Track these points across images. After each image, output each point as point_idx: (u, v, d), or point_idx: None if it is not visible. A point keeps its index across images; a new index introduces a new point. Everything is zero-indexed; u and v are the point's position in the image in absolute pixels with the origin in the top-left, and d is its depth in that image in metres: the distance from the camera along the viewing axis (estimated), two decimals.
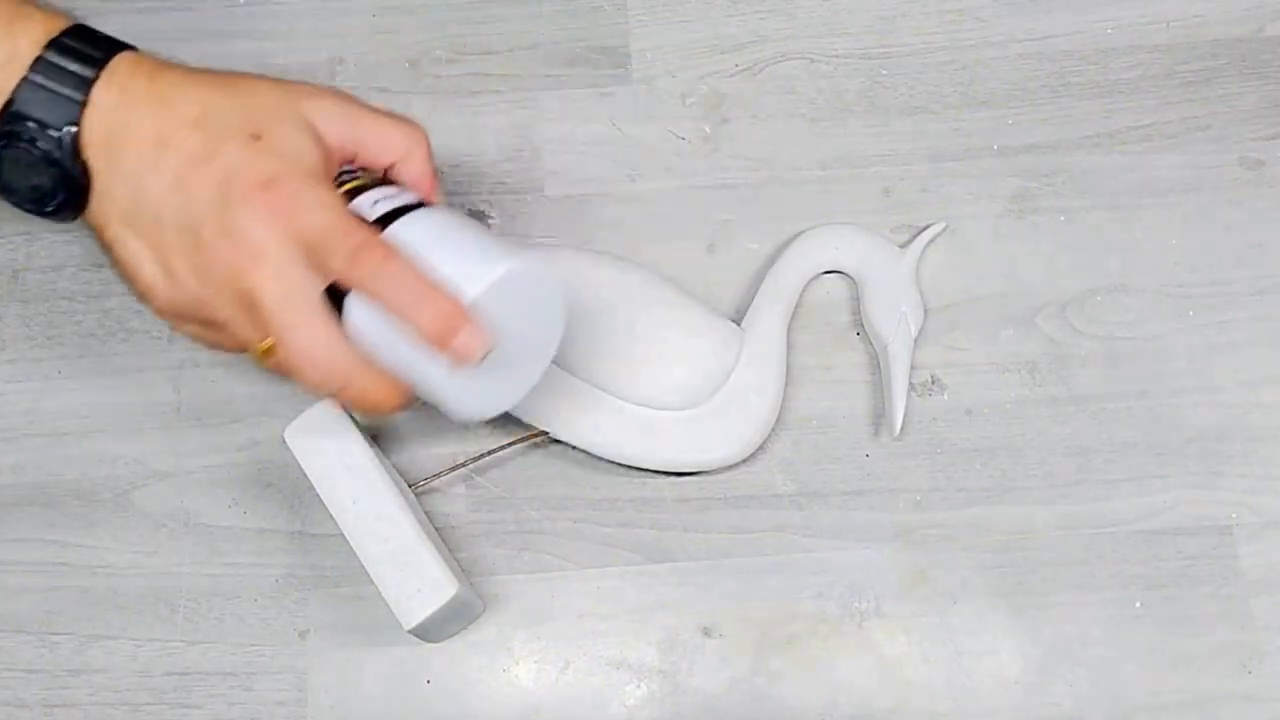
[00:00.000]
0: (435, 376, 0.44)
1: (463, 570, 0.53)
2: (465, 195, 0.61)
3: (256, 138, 0.44)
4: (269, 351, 0.45)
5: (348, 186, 0.46)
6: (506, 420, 0.56)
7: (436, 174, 0.49)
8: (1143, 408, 0.57)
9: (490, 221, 0.60)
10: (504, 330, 0.44)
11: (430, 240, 0.44)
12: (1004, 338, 0.58)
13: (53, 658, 0.53)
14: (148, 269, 0.45)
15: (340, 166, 0.47)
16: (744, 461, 0.56)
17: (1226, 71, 0.63)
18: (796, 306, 0.58)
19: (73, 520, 0.55)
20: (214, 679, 0.53)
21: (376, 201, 0.46)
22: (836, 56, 0.64)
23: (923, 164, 0.61)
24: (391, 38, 0.64)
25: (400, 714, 0.53)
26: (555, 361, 0.55)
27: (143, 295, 0.46)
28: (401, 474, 0.55)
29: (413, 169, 0.48)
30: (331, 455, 0.49)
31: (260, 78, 0.46)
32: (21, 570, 0.55)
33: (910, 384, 0.56)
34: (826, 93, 0.63)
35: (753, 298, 0.57)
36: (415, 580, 0.48)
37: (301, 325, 0.43)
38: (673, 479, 0.56)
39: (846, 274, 0.59)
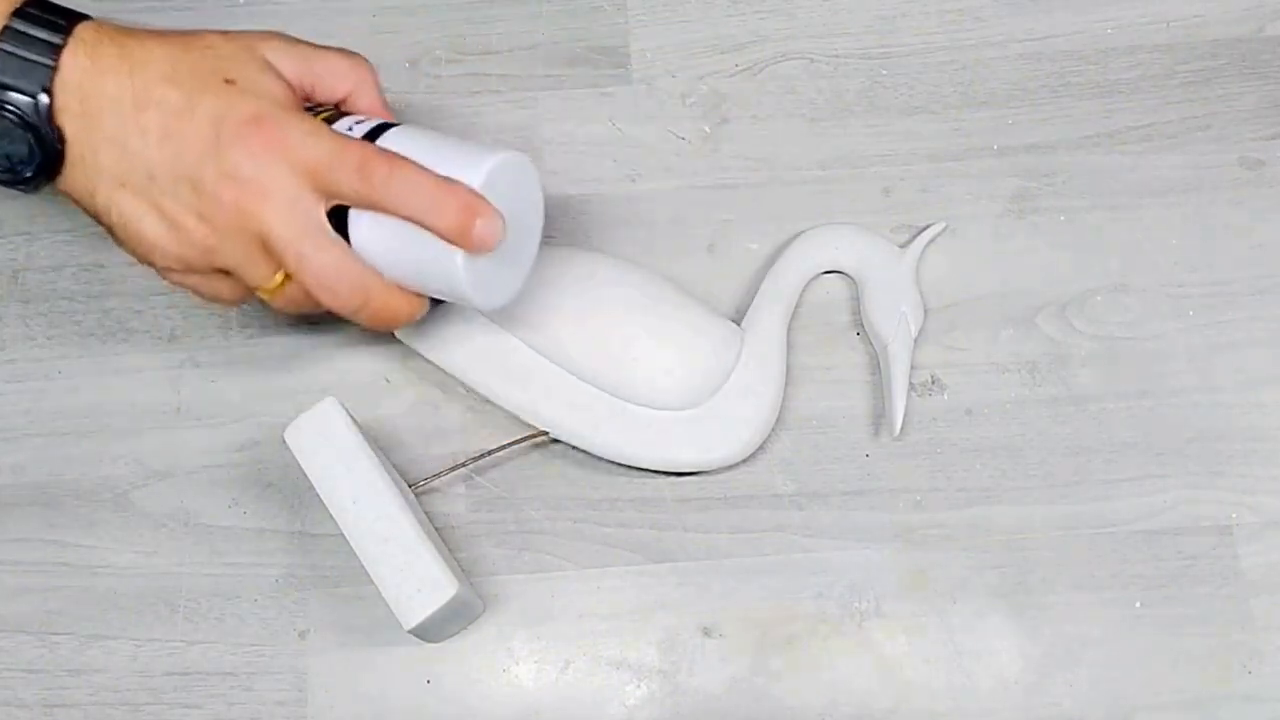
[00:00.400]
0: (452, 271, 0.46)
1: (463, 570, 0.53)
2: None
3: (230, 83, 0.46)
4: (279, 288, 0.47)
5: (320, 117, 0.48)
6: (506, 420, 0.56)
7: (387, 103, 0.51)
8: (1143, 408, 0.57)
9: None
10: (505, 215, 0.46)
11: (419, 147, 0.47)
12: (1004, 338, 0.58)
13: (53, 658, 0.53)
14: (150, 226, 0.46)
15: (302, 103, 0.49)
16: (744, 461, 0.56)
17: (1226, 71, 0.63)
18: (796, 306, 0.58)
19: (73, 520, 0.55)
20: (214, 679, 0.53)
21: (351, 127, 0.48)
22: (836, 56, 0.64)
23: (923, 164, 0.61)
24: (391, 38, 0.64)
25: (400, 714, 0.53)
26: (555, 361, 0.55)
27: (146, 254, 0.47)
28: (401, 474, 0.55)
29: (365, 98, 0.51)
30: (331, 455, 0.49)
31: (211, 31, 0.48)
32: (21, 570, 0.55)
33: (910, 384, 0.56)
34: (826, 93, 0.63)
35: (753, 298, 0.57)
36: (415, 580, 0.48)
37: (318, 251, 0.45)
38: (673, 479, 0.56)
39: (846, 274, 0.59)
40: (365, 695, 0.53)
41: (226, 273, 0.47)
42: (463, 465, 0.55)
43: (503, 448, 0.55)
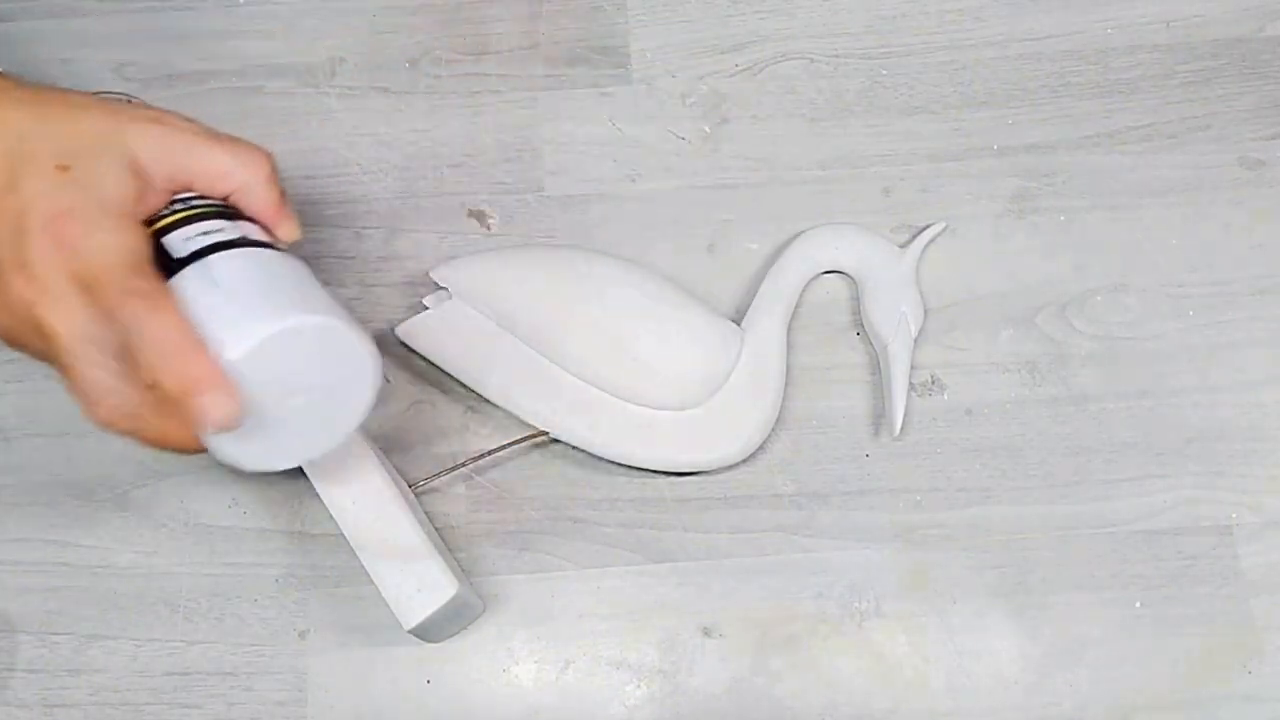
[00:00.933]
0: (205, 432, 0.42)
1: (463, 570, 0.53)
2: (465, 195, 0.61)
3: (64, 169, 0.43)
4: None
5: (171, 219, 0.44)
6: (506, 420, 0.56)
7: (283, 201, 0.47)
8: (1143, 408, 0.57)
9: (490, 221, 0.60)
10: (287, 388, 0.42)
11: (221, 288, 0.42)
12: (1004, 338, 0.58)
13: (53, 658, 0.53)
14: None
15: (171, 197, 0.45)
16: (744, 461, 0.56)
17: (1226, 71, 0.63)
18: (796, 306, 0.58)
19: (73, 520, 0.55)
20: (214, 679, 0.53)
21: (189, 239, 0.44)
22: (836, 56, 0.64)
23: (923, 164, 0.61)
24: (391, 38, 0.64)
25: (400, 714, 0.53)
26: (555, 361, 0.55)
27: None
28: (401, 474, 0.55)
29: (251, 201, 0.47)
30: (331, 456, 0.49)
31: (91, 103, 0.45)
32: (21, 570, 0.55)
33: (910, 384, 0.56)
34: (826, 93, 0.63)
35: (753, 298, 0.57)
36: (415, 580, 0.48)
37: (86, 362, 0.42)
38: (673, 479, 0.56)
39: (846, 274, 0.59)
40: (365, 695, 0.53)
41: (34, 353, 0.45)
42: (463, 465, 0.55)
43: (503, 448, 0.55)
